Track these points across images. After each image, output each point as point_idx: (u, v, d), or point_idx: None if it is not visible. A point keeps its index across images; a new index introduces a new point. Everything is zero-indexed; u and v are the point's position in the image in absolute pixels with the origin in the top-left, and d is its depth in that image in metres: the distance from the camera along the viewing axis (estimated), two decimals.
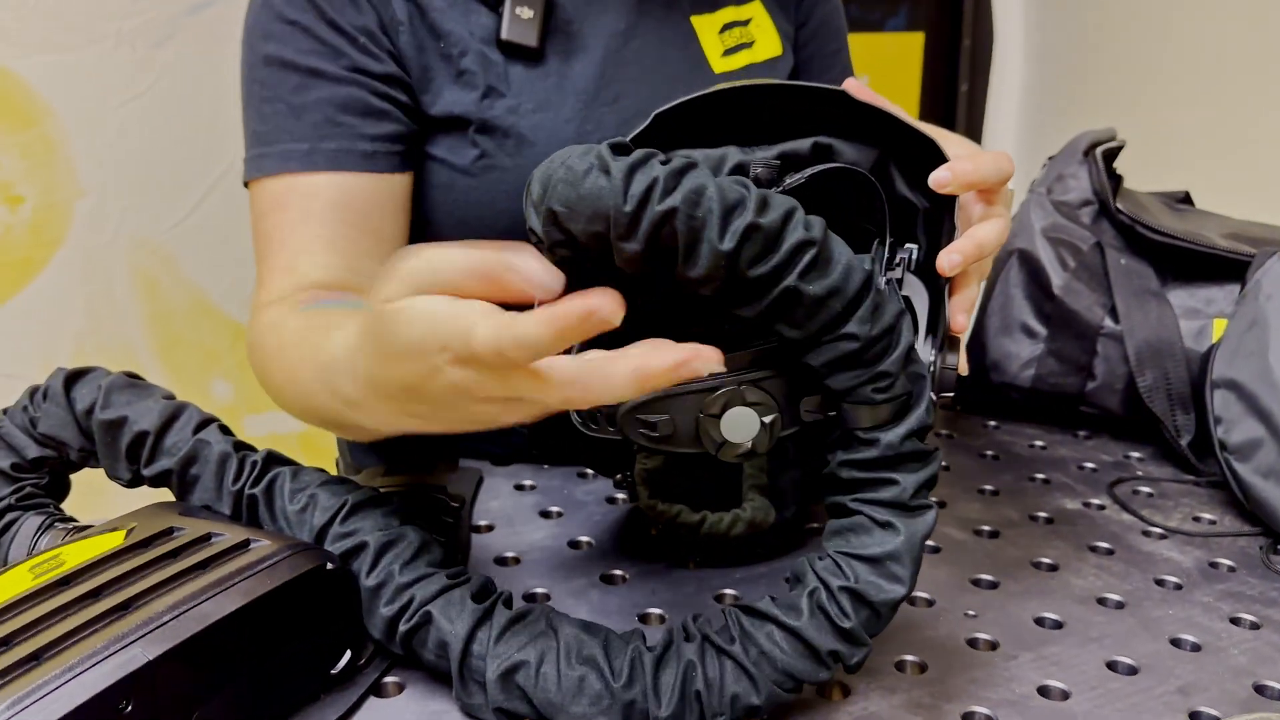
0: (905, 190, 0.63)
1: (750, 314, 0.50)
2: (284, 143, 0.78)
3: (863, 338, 0.49)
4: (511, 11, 0.80)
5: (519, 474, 0.86)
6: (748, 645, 0.52)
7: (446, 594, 0.55)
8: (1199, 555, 0.76)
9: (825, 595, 0.52)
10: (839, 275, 0.48)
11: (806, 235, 0.48)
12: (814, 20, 0.99)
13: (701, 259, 0.47)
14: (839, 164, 0.59)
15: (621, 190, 0.46)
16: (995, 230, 0.61)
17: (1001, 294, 0.98)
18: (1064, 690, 0.59)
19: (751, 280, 0.48)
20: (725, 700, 0.51)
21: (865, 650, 0.53)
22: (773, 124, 0.62)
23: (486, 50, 0.81)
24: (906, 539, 0.52)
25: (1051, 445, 0.96)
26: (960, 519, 0.81)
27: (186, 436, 0.60)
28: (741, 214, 0.47)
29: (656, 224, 0.46)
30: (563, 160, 0.48)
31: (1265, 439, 0.78)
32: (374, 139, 0.79)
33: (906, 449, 0.52)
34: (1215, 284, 0.91)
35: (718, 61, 0.90)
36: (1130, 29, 1.81)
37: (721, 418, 0.53)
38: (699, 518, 0.70)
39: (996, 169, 0.62)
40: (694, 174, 0.47)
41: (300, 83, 0.78)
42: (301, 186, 0.78)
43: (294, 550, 0.53)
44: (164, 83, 1.32)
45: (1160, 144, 1.68)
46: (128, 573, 0.51)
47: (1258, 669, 0.61)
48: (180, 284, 1.39)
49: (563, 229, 0.49)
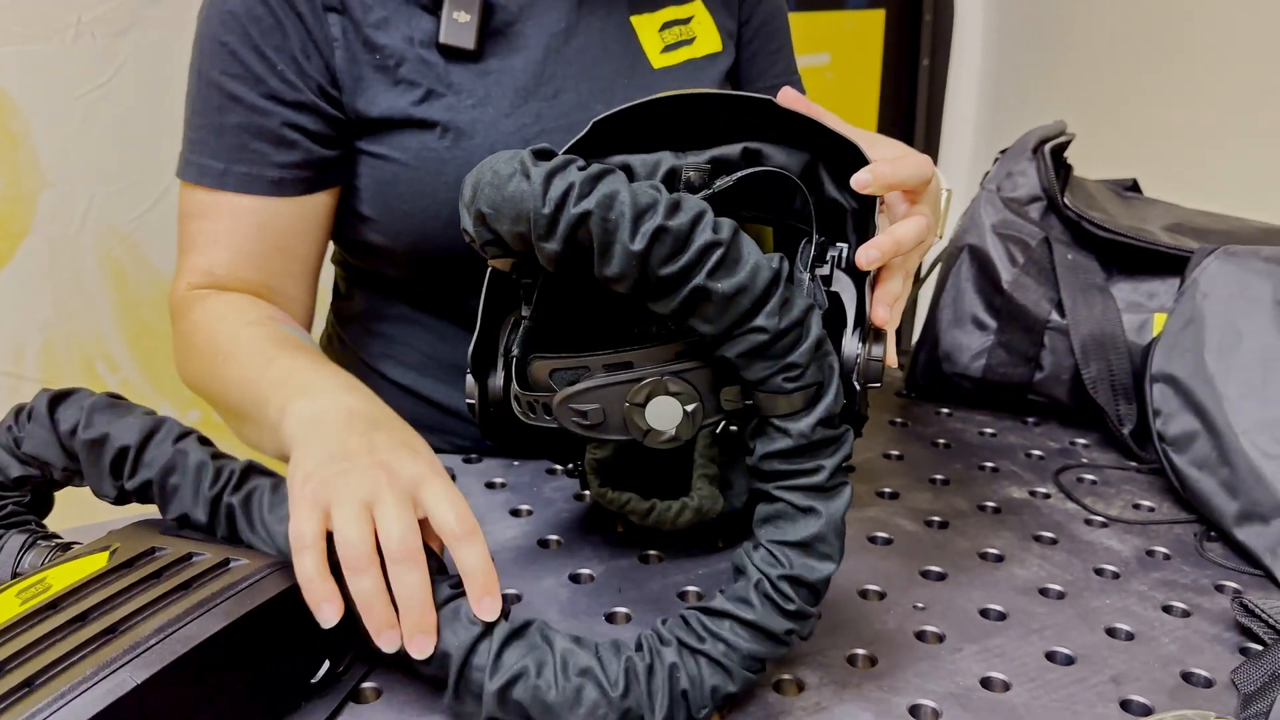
0: (834, 192, 0.67)
1: (664, 310, 0.54)
2: (205, 157, 0.84)
3: (771, 330, 0.53)
4: (449, 16, 0.83)
5: (489, 471, 0.89)
6: (715, 641, 0.57)
7: (449, 605, 0.57)
8: (1137, 544, 0.80)
9: (769, 585, 0.57)
10: (746, 273, 0.52)
11: (714, 237, 0.52)
12: (756, 18, 1.01)
13: (615, 259, 0.52)
14: (767, 167, 0.63)
15: (541, 194, 0.51)
16: (914, 227, 0.64)
17: (953, 288, 1.02)
18: (1005, 682, 0.63)
19: (663, 278, 0.52)
20: (707, 693, 0.56)
21: (814, 619, 0.58)
22: (706, 130, 0.65)
23: (425, 54, 0.83)
24: (828, 520, 0.57)
25: (1001, 432, 1.00)
26: (912, 510, 0.84)
27: (166, 448, 0.62)
28: (652, 217, 0.51)
29: (573, 225, 0.51)
30: (490, 165, 0.54)
31: (1200, 432, 0.82)
32: (282, 166, 0.83)
33: (818, 436, 0.56)
34: (1157, 278, 0.95)
35: (657, 58, 0.92)
36: (1087, 3, 1.83)
37: (646, 406, 0.58)
38: (648, 506, 0.73)
39: (916, 171, 0.65)
40: (609, 179, 0.52)
41: (221, 104, 0.82)
42: (220, 202, 0.84)
43: (272, 569, 0.56)
44: (127, 72, 1.32)
45: (1114, 118, 1.71)
46: (113, 596, 0.53)
47: (1186, 657, 0.65)
48: (148, 273, 1.39)
49: (490, 229, 0.55)
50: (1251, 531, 0.76)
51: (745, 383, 0.56)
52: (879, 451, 0.95)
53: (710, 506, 0.73)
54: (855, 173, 0.62)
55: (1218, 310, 0.84)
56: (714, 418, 0.59)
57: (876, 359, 0.62)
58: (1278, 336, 0.80)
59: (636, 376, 0.58)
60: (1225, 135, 1.58)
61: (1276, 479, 0.75)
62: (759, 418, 0.57)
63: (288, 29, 0.81)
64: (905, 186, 0.66)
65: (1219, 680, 0.63)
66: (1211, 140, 1.60)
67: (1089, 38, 1.83)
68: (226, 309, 0.82)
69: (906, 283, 0.67)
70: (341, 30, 0.82)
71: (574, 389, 0.59)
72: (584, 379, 0.59)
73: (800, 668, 0.63)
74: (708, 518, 0.73)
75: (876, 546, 0.78)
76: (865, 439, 0.97)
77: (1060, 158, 1.05)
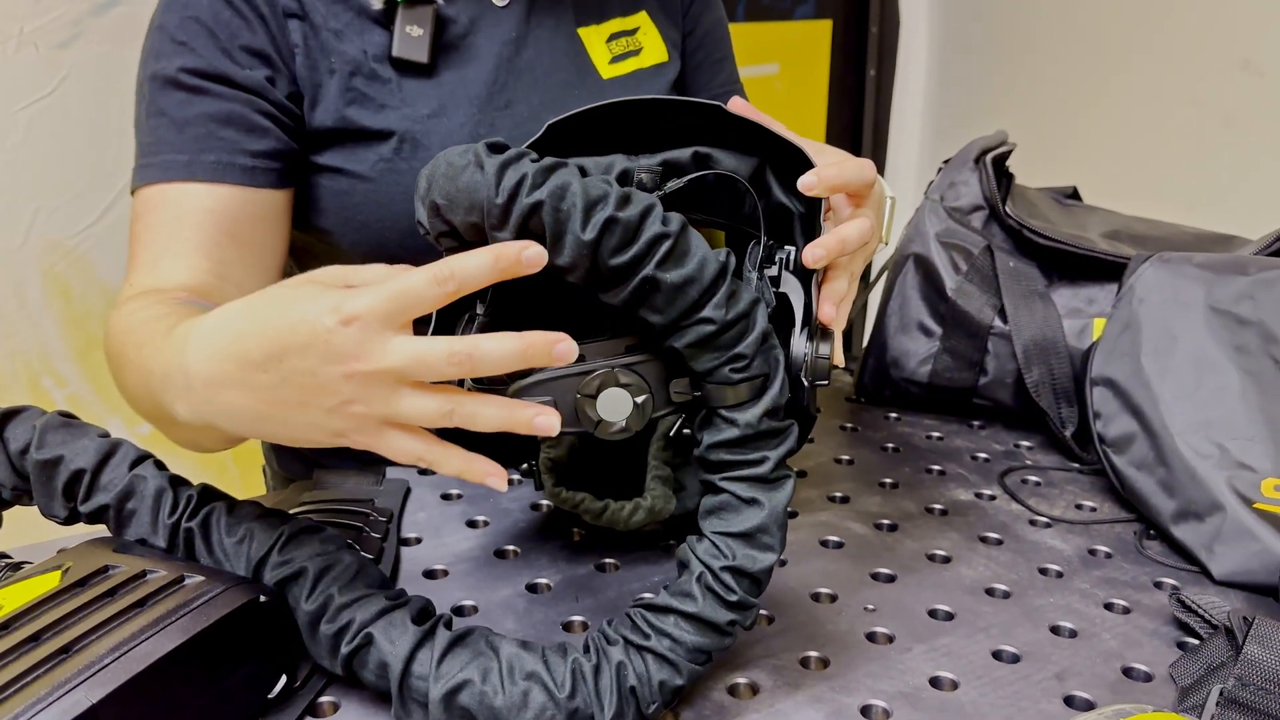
0: (782, 196, 0.69)
1: (615, 301, 0.56)
2: (165, 154, 0.80)
3: (719, 321, 0.55)
4: (402, 30, 0.83)
5: (445, 483, 0.89)
6: (661, 637, 0.58)
7: (387, 616, 0.58)
8: (1079, 543, 0.82)
9: (711, 577, 0.58)
10: (694, 265, 0.54)
11: (664, 229, 0.54)
12: (700, 29, 1.02)
13: (566, 248, 0.53)
14: (717, 170, 0.64)
15: (494, 184, 0.53)
16: (859, 228, 0.66)
17: (900, 295, 1.04)
18: (953, 680, 0.64)
19: (613, 268, 0.54)
20: (655, 689, 0.57)
21: (755, 609, 0.60)
22: (658, 135, 0.67)
23: (379, 67, 0.84)
24: (770, 511, 0.58)
25: (948, 436, 1.02)
26: (862, 513, 0.86)
27: (123, 473, 0.62)
28: (603, 208, 0.52)
29: (525, 215, 0.52)
30: (445, 158, 0.55)
31: (1138, 434, 0.84)
32: (254, 154, 0.81)
33: (764, 427, 0.58)
34: (1096, 284, 0.97)
35: (605, 69, 0.94)
36: (1031, 12, 1.87)
37: (597, 398, 0.59)
38: (601, 505, 0.74)
39: (859, 173, 0.67)
40: (561, 172, 0.53)
41: (184, 99, 0.80)
42: (176, 193, 0.79)
43: (227, 585, 0.56)
44: (71, 84, 1.30)
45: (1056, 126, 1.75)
46: (66, 615, 0.53)
47: (1126, 653, 0.67)
48: (95, 286, 1.37)
49: (444, 220, 0.56)
50: (1188, 529, 0.79)
51: (694, 374, 0.58)
52: (830, 456, 0.97)
53: (663, 507, 0.74)
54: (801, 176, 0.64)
55: (1153, 315, 0.87)
56: (664, 410, 0.61)
57: (824, 356, 0.63)
58: (1210, 340, 0.83)
59: (588, 369, 0.59)
60: (1159, 143, 1.63)
61: (1210, 478, 0.78)
62: (707, 409, 0.59)
63: (255, 28, 0.81)
64: (849, 189, 0.68)
65: (1158, 674, 0.65)
66: (1147, 147, 1.65)
67: (1031, 49, 1.87)
68: (139, 308, 0.71)
69: (853, 284, 0.69)
70: (302, 36, 0.82)
71: (526, 381, 0.60)
72: (536, 372, 0.60)
73: (754, 670, 0.64)
74: (660, 518, 0.75)
75: (828, 550, 0.80)
76: (817, 444, 0.99)
77: (1002, 167, 1.08)
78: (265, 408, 0.51)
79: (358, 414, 0.50)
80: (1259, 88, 1.47)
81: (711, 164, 0.67)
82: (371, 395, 0.49)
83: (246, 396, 0.51)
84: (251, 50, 0.81)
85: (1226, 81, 1.51)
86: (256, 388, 0.50)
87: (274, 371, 0.49)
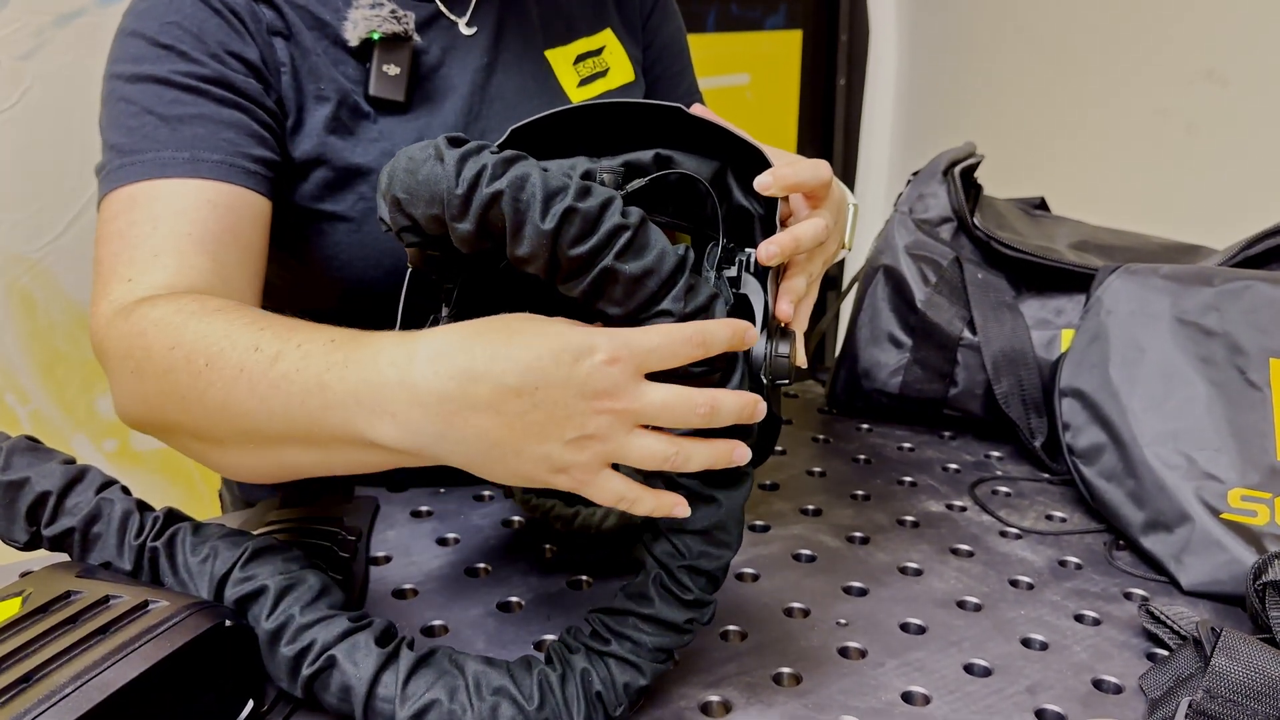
0: (742, 199, 0.69)
1: (574, 293, 0.56)
2: (157, 151, 0.75)
3: (677, 314, 0.55)
4: (379, 69, 0.82)
5: (415, 500, 0.88)
6: (621, 641, 0.59)
7: (350, 638, 0.57)
8: (1050, 554, 0.82)
9: (667, 577, 0.59)
10: (653, 257, 0.54)
11: (623, 220, 0.54)
12: (658, 41, 1.02)
13: (526, 238, 0.53)
14: (678, 170, 0.65)
15: (454, 175, 0.53)
16: (814, 228, 0.66)
17: (870, 307, 1.04)
18: (925, 695, 0.64)
19: (573, 259, 0.54)
20: (620, 691, 0.58)
21: (712, 606, 0.60)
22: (620, 139, 0.68)
23: (359, 100, 0.83)
24: (728, 509, 0.58)
25: (919, 446, 1.02)
26: (834, 526, 0.86)
27: (89, 497, 0.61)
28: (562, 199, 0.53)
29: (485, 205, 0.53)
30: (406, 153, 0.56)
31: (1107, 445, 0.85)
32: (255, 160, 0.78)
33: None
34: (1065, 295, 0.98)
35: (574, 92, 0.94)
36: (998, 22, 1.89)
37: None
38: (572, 512, 0.74)
39: (814, 172, 0.68)
40: (521, 164, 0.53)
41: (176, 97, 0.76)
42: (173, 189, 0.74)
43: (192, 610, 0.55)
44: (34, 95, 1.29)
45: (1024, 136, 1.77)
46: (27, 643, 0.52)
47: (1096, 665, 0.68)
48: (59, 300, 1.36)
49: (405, 214, 0.56)
50: (1157, 540, 0.79)
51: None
52: (802, 469, 0.97)
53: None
54: None
55: (1121, 326, 0.87)
56: None
57: (783, 355, 0.63)
58: (1177, 351, 0.84)
59: None
60: (1125, 152, 1.64)
61: (1178, 489, 0.78)
62: None
63: (245, 39, 0.79)
64: (804, 188, 0.68)
65: (1128, 686, 0.65)
66: (1113, 156, 1.66)
67: (1000, 58, 1.89)
68: (174, 314, 0.64)
69: (812, 285, 0.69)
70: (289, 56, 0.81)
71: None
72: None
73: (727, 688, 0.64)
74: (631, 523, 0.74)
75: (801, 564, 0.80)
76: (789, 456, 0.99)
77: (970, 179, 1.08)
78: (507, 434, 0.52)
79: (593, 449, 0.53)
80: (1222, 97, 1.49)
81: (674, 165, 0.67)
82: (613, 432, 0.53)
83: (493, 420, 0.52)
84: (242, 59, 0.79)
85: (1190, 91, 1.53)
86: (506, 413, 0.51)
87: (528, 398, 0.51)
